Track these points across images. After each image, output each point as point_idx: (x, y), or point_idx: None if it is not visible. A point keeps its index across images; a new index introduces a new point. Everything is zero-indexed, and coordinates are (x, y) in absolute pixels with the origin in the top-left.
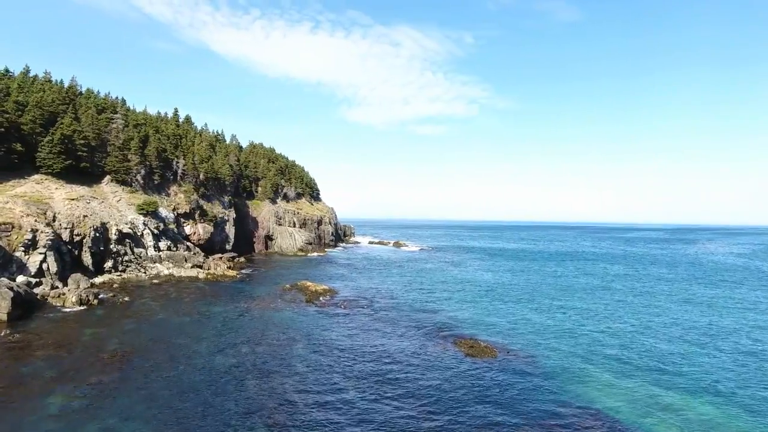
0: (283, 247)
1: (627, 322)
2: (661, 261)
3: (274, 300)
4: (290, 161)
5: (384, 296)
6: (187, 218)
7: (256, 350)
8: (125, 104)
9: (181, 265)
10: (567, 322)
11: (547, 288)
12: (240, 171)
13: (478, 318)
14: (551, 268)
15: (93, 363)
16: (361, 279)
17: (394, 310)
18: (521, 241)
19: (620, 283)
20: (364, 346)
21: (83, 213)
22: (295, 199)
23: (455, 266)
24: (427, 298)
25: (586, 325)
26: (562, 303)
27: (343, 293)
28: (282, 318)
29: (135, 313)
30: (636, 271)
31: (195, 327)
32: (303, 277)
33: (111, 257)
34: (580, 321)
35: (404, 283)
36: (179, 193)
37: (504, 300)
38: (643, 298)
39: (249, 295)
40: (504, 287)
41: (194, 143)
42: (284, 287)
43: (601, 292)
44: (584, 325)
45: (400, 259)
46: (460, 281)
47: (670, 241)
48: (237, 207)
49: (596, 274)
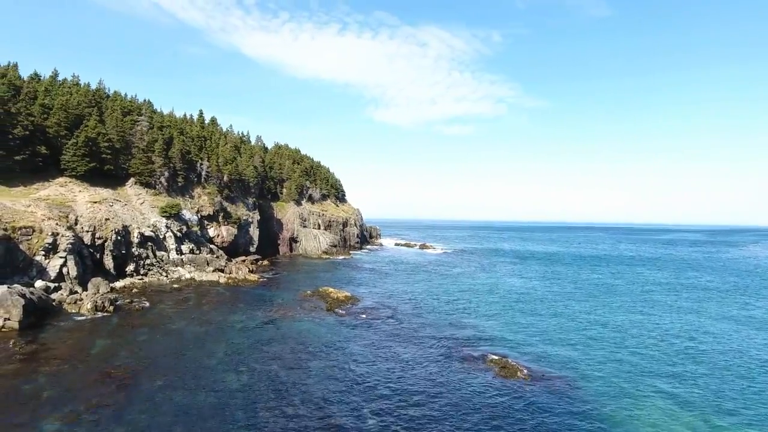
0: (307, 250)
1: (674, 343)
2: (705, 266)
3: (293, 308)
4: (315, 162)
5: (408, 304)
6: (211, 220)
7: (270, 368)
8: (151, 106)
9: (203, 268)
10: (606, 341)
11: (583, 298)
12: (265, 172)
13: (508, 332)
14: (585, 275)
15: (97, 380)
16: (384, 285)
17: (418, 320)
18: (551, 243)
19: (664, 295)
20: (385, 363)
21: (105, 216)
22: (320, 200)
23: (483, 270)
24: (454, 307)
25: (628, 345)
26: (600, 317)
27: (365, 301)
28: (300, 329)
29: (150, 322)
30: (678, 279)
31: (210, 339)
32: (325, 282)
33: (133, 261)
34: (621, 339)
35: (429, 290)
36: (203, 195)
37: (536, 311)
38: (692, 314)
39: (268, 302)
40: (535, 296)
41: (219, 145)
42: (305, 293)
43: (642, 303)
44: (626, 344)
45: (425, 263)
46: (489, 288)
47: (711, 244)
48: (261, 209)
49: (636, 282)
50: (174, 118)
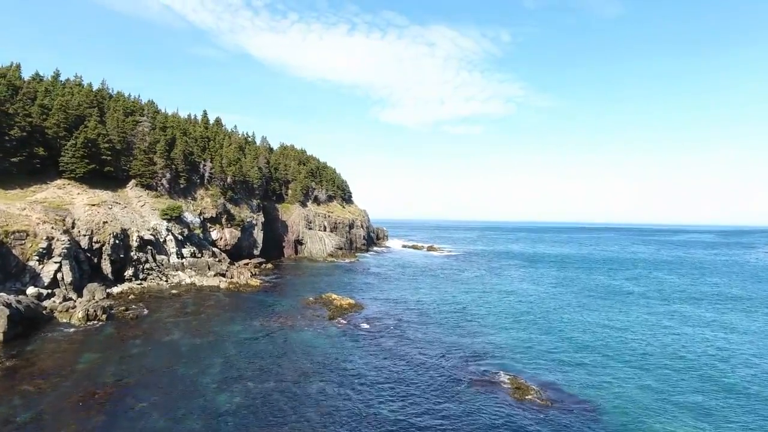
0: (312, 252)
1: (702, 364)
2: (724, 271)
3: (294, 316)
4: (321, 163)
5: (414, 312)
6: (214, 223)
7: (266, 386)
8: (155, 106)
9: (204, 273)
10: (626, 359)
11: (598, 307)
12: (270, 173)
13: (521, 345)
14: (600, 280)
15: (78, 402)
16: (390, 290)
17: (424, 331)
18: (562, 245)
19: (685, 304)
20: (388, 380)
21: (103, 219)
22: (326, 201)
23: (492, 275)
24: (462, 317)
25: (650, 365)
26: (617, 330)
27: (369, 309)
28: (300, 340)
29: (143, 332)
30: (698, 286)
31: (204, 352)
32: (329, 288)
33: (132, 265)
34: (642, 357)
35: (437, 296)
36: (206, 197)
37: (550, 321)
38: (719, 328)
39: (268, 310)
40: (548, 304)
41: (223, 146)
42: (307, 300)
43: (662, 314)
44: (648, 364)
45: (433, 266)
46: (498, 295)
47: (726, 246)
48: (266, 210)
49: (653, 289)
50: (177, 118)
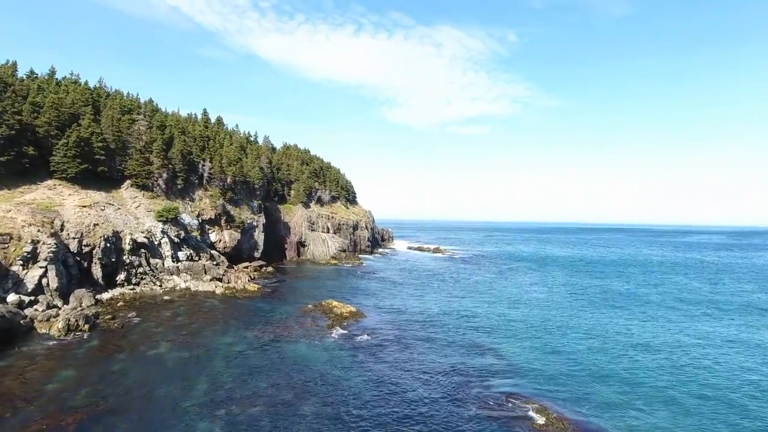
0: (315, 255)
1: (737, 384)
2: (745, 274)
3: (290, 326)
4: (325, 163)
5: (419, 322)
6: (213, 224)
7: (253, 411)
8: (154, 105)
9: (200, 277)
10: (655, 377)
11: (618, 315)
12: (272, 174)
13: (535, 361)
14: (616, 284)
15: (41, 430)
16: (393, 296)
17: (429, 344)
18: (571, 247)
19: (710, 311)
20: (388, 403)
21: (94, 221)
22: (329, 202)
23: (501, 279)
24: (470, 327)
25: (686, 381)
26: (639, 340)
27: (371, 317)
28: (295, 355)
29: (127, 345)
30: (721, 292)
31: (191, 368)
32: (330, 293)
33: (124, 269)
34: (673, 375)
35: (443, 304)
36: (204, 198)
37: (564, 331)
38: (749, 343)
39: (265, 318)
40: (562, 311)
41: (223, 145)
42: (306, 308)
43: (688, 323)
44: (684, 381)
45: (439, 269)
46: (508, 301)
47: (739, 248)
48: (268, 211)
49: (676, 297)
50: (176, 117)
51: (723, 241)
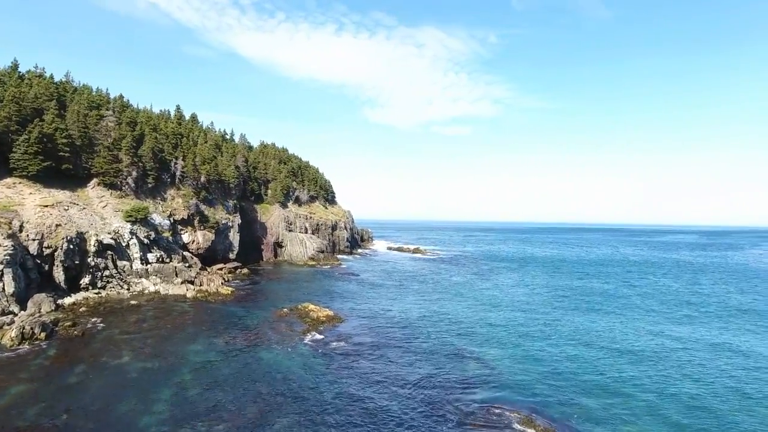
0: (293, 256)
1: (722, 382)
2: (722, 273)
3: (264, 332)
4: (304, 162)
5: (398, 326)
6: (186, 225)
7: (218, 429)
8: (125, 101)
9: (170, 280)
10: (647, 385)
11: (600, 318)
12: (248, 172)
13: (521, 370)
14: (596, 285)
15: None
16: (372, 299)
17: (409, 349)
18: (550, 246)
19: (691, 311)
20: (363, 418)
21: (56, 222)
22: (307, 202)
23: (482, 279)
24: (451, 331)
25: (672, 388)
26: (627, 346)
27: (348, 321)
28: (267, 363)
29: (88, 355)
30: (695, 290)
31: (154, 379)
32: (307, 296)
33: (88, 272)
34: (660, 381)
35: (424, 306)
36: (177, 198)
37: (549, 337)
38: (736, 347)
39: (236, 324)
40: (546, 315)
41: (197, 143)
42: (281, 312)
43: (673, 325)
44: (670, 387)
45: (420, 270)
46: (490, 304)
47: (714, 247)
48: (244, 211)
49: (654, 294)
50: (148, 113)
51: (697, 241)
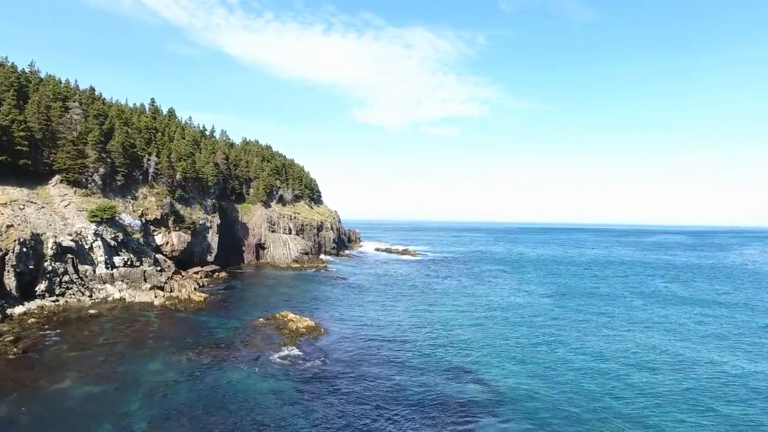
0: (275, 258)
1: None
2: (717, 276)
3: (234, 346)
4: (288, 160)
5: (386, 339)
6: (159, 225)
7: None
8: (95, 94)
9: (138, 285)
10: (671, 407)
11: (608, 325)
12: (229, 170)
13: (527, 391)
14: (594, 287)
15: None
16: (358, 306)
17: (398, 369)
18: (541, 247)
19: (703, 319)
20: None
21: (8, 222)
22: (292, 202)
23: (475, 283)
24: (446, 343)
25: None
26: (642, 359)
27: (331, 333)
28: (234, 386)
29: (27, 378)
30: (700, 292)
31: (95, 411)
32: (287, 303)
33: (45, 278)
34: (687, 402)
35: (414, 314)
36: (149, 196)
37: (556, 350)
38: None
39: (205, 336)
40: (548, 322)
41: (174, 139)
42: (257, 322)
43: (687, 336)
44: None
45: (409, 274)
46: (486, 310)
47: (704, 248)
48: (224, 211)
49: (658, 297)
50: (119, 106)
51: (687, 241)
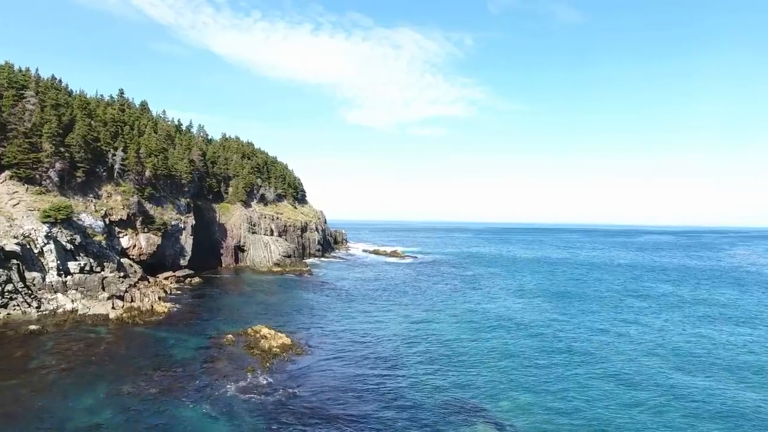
0: (255, 261)
1: None
2: (716, 277)
3: (192, 371)
4: (271, 157)
5: (374, 361)
6: (125, 227)
7: None
8: (57, 84)
9: (95, 294)
10: None
11: (623, 335)
12: (206, 168)
13: (535, 426)
14: (596, 290)
15: None
16: (343, 316)
17: (389, 401)
18: (533, 248)
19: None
20: None
21: None
22: (274, 201)
23: (470, 288)
24: (446, 368)
25: None
26: (665, 378)
27: (309, 352)
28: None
29: None
30: (708, 295)
31: None
32: (264, 314)
33: None
34: None
35: (406, 327)
36: (115, 195)
37: (577, 372)
38: None
39: (160, 358)
40: (557, 334)
41: (144, 133)
42: (226, 338)
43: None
44: None
45: (399, 277)
46: (485, 321)
47: (694, 248)
48: (200, 211)
49: (664, 302)
50: (81, 97)
51: (677, 241)
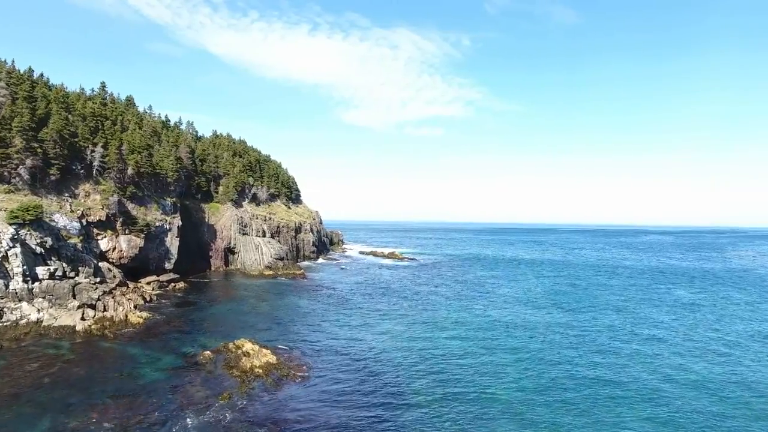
0: (246, 264)
1: None
2: (725, 277)
3: (159, 398)
4: (263, 156)
5: (372, 385)
6: (104, 228)
7: None
8: (33, 76)
9: (64, 303)
10: None
11: (645, 349)
12: (194, 166)
13: None
14: (607, 295)
15: None
16: (333, 326)
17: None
18: (534, 249)
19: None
20: None
21: None
22: (267, 201)
23: (473, 293)
24: (452, 391)
25: None
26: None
27: (297, 373)
28: None
29: None
30: (715, 299)
31: None
32: (249, 326)
33: None
34: None
35: (407, 339)
36: (93, 194)
37: (595, 389)
38: None
39: (125, 381)
40: (572, 345)
41: (128, 129)
42: (202, 355)
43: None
44: None
45: (398, 281)
46: (492, 331)
47: (696, 248)
48: (188, 211)
49: (673, 305)
50: (59, 90)
51: (677, 241)
